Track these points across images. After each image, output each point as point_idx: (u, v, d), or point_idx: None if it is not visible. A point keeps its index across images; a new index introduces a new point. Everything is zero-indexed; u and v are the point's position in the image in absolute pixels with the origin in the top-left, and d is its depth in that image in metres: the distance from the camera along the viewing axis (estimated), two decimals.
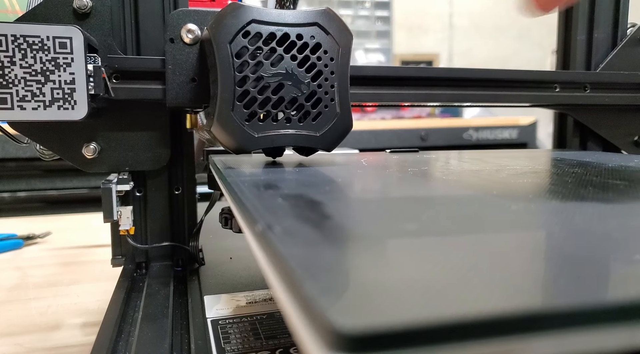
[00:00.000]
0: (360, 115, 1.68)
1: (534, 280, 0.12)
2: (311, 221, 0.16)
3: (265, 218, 0.16)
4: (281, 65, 0.31)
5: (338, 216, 0.18)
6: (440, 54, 2.18)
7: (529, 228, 0.17)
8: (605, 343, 0.09)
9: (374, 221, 0.18)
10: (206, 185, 0.40)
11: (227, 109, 0.31)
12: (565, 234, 0.15)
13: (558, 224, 0.17)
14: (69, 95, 0.32)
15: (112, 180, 0.37)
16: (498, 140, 1.49)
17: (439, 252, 0.13)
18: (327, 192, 0.23)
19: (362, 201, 0.22)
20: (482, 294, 0.10)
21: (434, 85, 0.43)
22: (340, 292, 0.10)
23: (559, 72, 0.51)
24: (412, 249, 0.14)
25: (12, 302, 0.46)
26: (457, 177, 0.28)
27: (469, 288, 0.10)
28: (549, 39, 2.07)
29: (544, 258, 0.13)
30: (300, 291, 0.10)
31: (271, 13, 0.31)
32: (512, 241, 0.15)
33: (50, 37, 0.31)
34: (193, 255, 0.42)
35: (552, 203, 0.21)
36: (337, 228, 0.16)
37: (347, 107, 0.33)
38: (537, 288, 0.11)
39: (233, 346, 0.28)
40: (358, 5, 2.00)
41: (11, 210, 1.16)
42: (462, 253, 0.13)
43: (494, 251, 0.14)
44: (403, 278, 0.11)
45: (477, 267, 0.12)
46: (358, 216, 0.19)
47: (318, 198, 0.21)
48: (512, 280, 0.11)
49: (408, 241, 0.14)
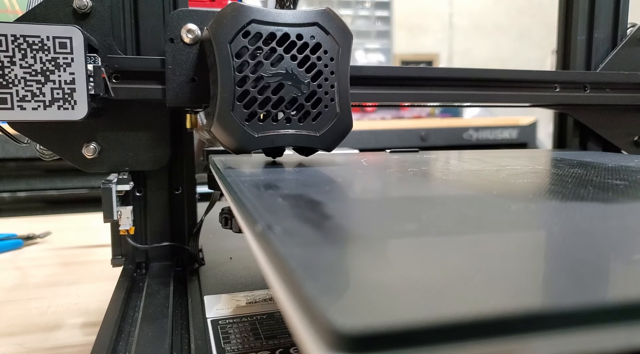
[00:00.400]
0: (360, 115, 1.68)
1: (534, 279, 0.12)
2: (311, 221, 0.16)
3: (265, 218, 0.16)
4: (281, 65, 0.31)
5: (338, 216, 0.18)
6: (440, 54, 2.18)
7: (528, 228, 0.17)
8: (605, 343, 0.09)
9: (373, 221, 0.18)
10: (206, 185, 0.40)
11: (227, 109, 0.31)
12: (565, 234, 0.15)
13: (558, 224, 0.17)
14: (69, 95, 0.32)
15: (112, 180, 0.37)
16: (498, 140, 1.49)
17: (438, 252, 0.13)
18: (327, 192, 0.23)
19: (362, 202, 0.22)
20: (482, 294, 0.10)
21: (434, 85, 0.43)
22: (340, 292, 0.10)
23: (559, 72, 0.51)
24: (412, 249, 0.14)
25: (12, 302, 0.46)
26: (457, 177, 0.28)
27: (469, 288, 0.10)
28: (549, 39, 2.07)
29: (543, 258, 0.13)
30: (300, 291, 0.10)
31: (271, 13, 0.31)
32: (512, 241, 0.15)
33: (50, 37, 0.31)
34: (193, 255, 0.42)
35: (552, 203, 0.21)
36: (337, 228, 0.16)
37: (347, 107, 0.33)
38: (536, 288, 0.11)
39: (233, 346, 0.28)
40: (358, 5, 2.00)
41: (11, 210, 1.16)
42: (462, 253, 0.13)
43: (494, 251, 0.14)
44: (403, 278, 0.11)
45: (477, 267, 0.12)
46: (358, 216, 0.19)
47: (318, 198, 0.21)
48: (511, 280, 0.11)
49: (408, 241, 0.14)
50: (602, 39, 0.52)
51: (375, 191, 0.26)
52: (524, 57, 2.20)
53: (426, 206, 0.21)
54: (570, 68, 0.52)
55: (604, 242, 0.15)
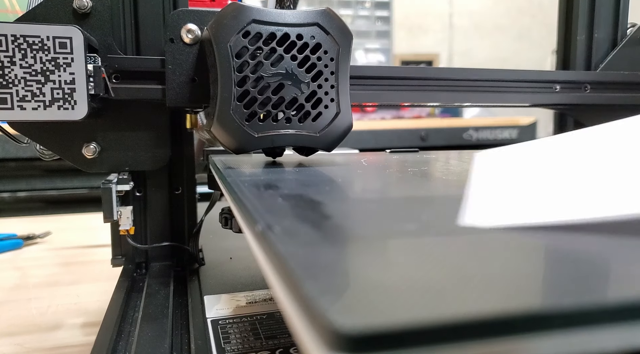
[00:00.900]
0: (360, 115, 1.68)
1: (534, 279, 0.12)
2: (311, 221, 0.16)
3: (265, 218, 0.16)
4: (281, 65, 0.31)
5: (337, 216, 0.18)
6: (440, 54, 2.18)
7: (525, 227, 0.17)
8: (605, 343, 0.09)
9: (373, 221, 0.18)
10: (206, 185, 0.40)
11: (227, 109, 0.31)
12: (567, 231, 0.15)
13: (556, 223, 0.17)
14: (69, 95, 0.32)
15: (112, 180, 0.37)
16: (498, 140, 1.49)
17: (438, 252, 0.13)
18: (327, 192, 0.23)
19: (362, 201, 0.22)
20: (482, 294, 0.10)
21: (434, 85, 0.43)
22: (340, 292, 0.10)
23: (559, 72, 0.51)
24: (412, 249, 0.14)
25: (12, 302, 0.46)
26: (456, 177, 0.28)
27: (469, 288, 0.10)
28: (548, 39, 2.06)
29: (543, 258, 0.13)
30: (300, 291, 0.10)
31: (271, 13, 0.31)
32: (512, 241, 0.15)
33: (50, 37, 0.31)
34: (193, 255, 0.42)
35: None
36: (336, 228, 0.16)
37: (347, 107, 0.33)
38: (536, 288, 0.11)
39: (233, 346, 0.28)
40: (358, 5, 2.00)
41: (11, 210, 1.16)
42: (461, 253, 0.13)
43: (494, 250, 0.14)
44: (403, 278, 0.11)
45: (476, 267, 0.12)
46: (357, 216, 0.19)
47: (318, 198, 0.21)
48: (511, 279, 0.11)
49: (407, 241, 0.14)
50: (602, 38, 0.52)
51: (374, 191, 0.26)
52: (524, 57, 2.20)
53: (425, 206, 0.21)
54: (570, 69, 0.52)
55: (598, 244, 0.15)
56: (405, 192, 0.25)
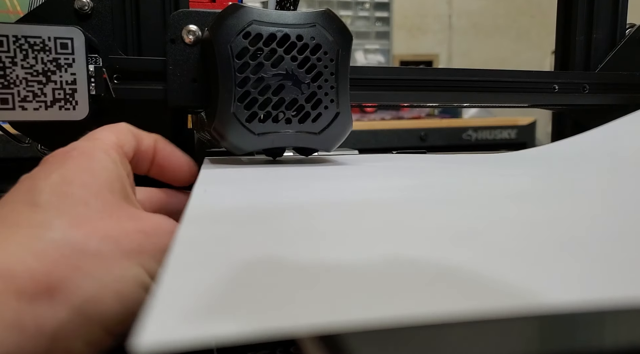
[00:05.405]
0: (360, 115, 1.68)
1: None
2: None
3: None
4: (281, 66, 0.31)
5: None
6: (440, 54, 2.18)
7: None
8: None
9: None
10: None
11: (227, 110, 0.31)
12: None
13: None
14: (70, 96, 0.32)
15: None
16: (497, 140, 1.49)
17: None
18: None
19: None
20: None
21: (434, 85, 0.43)
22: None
23: (557, 72, 0.51)
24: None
25: None
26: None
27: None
28: (547, 39, 2.07)
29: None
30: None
31: (271, 14, 0.31)
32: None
33: (52, 38, 0.32)
34: None
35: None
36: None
37: (347, 108, 0.33)
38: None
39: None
40: (358, 6, 2.00)
41: None
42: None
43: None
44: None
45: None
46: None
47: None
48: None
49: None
50: (601, 39, 0.52)
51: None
52: (523, 57, 2.20)
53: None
54: (569, 69, 0.53)
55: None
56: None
